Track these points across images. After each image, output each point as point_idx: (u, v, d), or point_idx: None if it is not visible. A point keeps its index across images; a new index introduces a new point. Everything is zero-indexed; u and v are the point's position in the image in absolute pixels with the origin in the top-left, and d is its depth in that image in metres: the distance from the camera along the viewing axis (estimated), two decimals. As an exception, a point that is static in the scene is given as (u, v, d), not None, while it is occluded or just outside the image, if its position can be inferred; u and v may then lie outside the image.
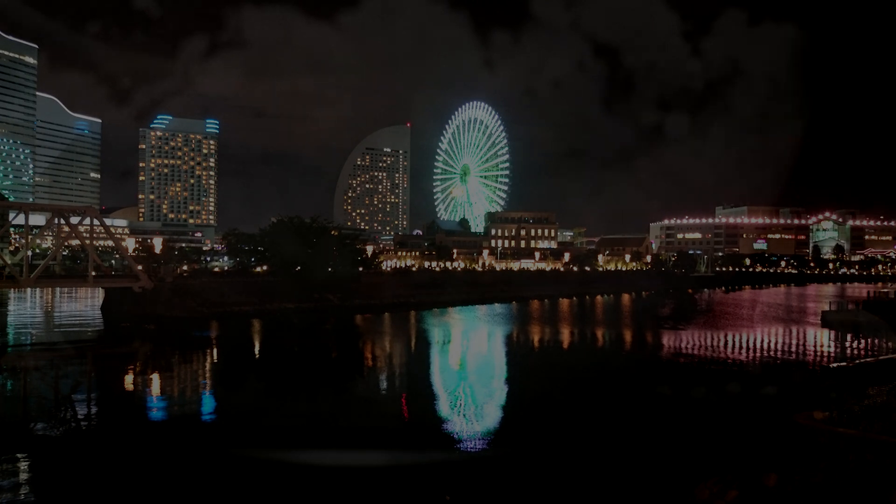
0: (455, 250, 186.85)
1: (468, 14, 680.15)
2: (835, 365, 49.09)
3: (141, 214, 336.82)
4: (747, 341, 68.88)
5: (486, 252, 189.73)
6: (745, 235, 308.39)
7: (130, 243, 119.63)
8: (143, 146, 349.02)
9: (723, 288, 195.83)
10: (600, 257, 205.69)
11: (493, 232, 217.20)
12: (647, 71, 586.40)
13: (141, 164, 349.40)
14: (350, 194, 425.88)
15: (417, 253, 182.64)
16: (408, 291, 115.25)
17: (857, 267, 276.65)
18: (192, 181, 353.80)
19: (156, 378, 48.76)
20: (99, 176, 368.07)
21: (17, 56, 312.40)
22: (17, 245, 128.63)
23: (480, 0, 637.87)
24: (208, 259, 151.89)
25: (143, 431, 33.21)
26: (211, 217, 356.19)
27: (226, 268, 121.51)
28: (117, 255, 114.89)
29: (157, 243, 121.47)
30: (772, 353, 61.36)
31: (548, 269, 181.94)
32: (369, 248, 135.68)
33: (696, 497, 21.13)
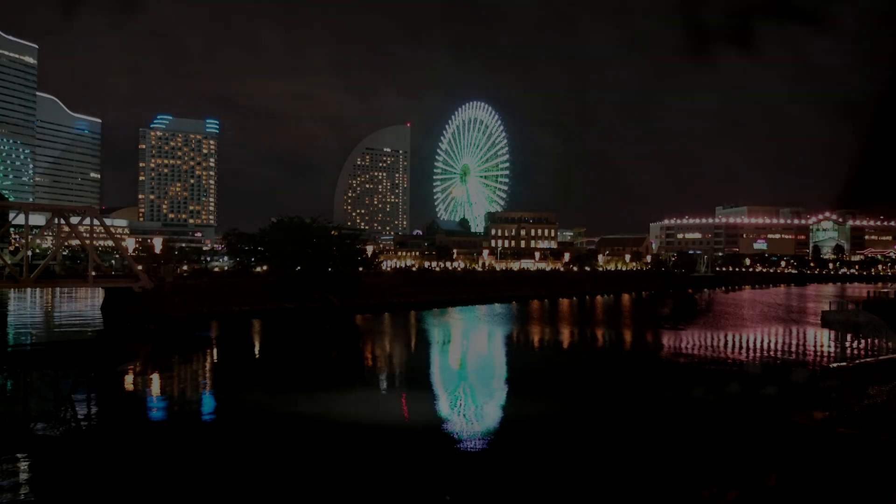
0: (455, 250, 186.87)
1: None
2: (835, 365, 48.97)
3: (141, 214, 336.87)
4: (747, 341, 68.87)
5: (486, 252, 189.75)
6: (745, 235, 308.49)
7: (130, 243, 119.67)
8: (143, 146, 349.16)
9: (723, 288, 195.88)
10: (600, 257, 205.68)
11: (493, 232, 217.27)
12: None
13: (141, 164, 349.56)
14: (350, 194, 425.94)
15: (417, 253, 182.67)
16: (408, 291, 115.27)
17: (857, 267, 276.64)
18: (192, 181, 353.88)
19: (156, 378, 48.76)
20: (99, 176, 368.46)
21: (17, 56, 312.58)
22: (17, 245, 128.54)
23: None
24: (208, 259, 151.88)
25: (142, 432, 33.19)
26: (211, 217, 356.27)
27: (226, 268, 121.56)
28: (117, 255, 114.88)
29: (157, 243, 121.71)
30: (772, 353, 61.37)
31: (548, 269, 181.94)
32: (369, 248, 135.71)
33: (696, 497, 21.12)
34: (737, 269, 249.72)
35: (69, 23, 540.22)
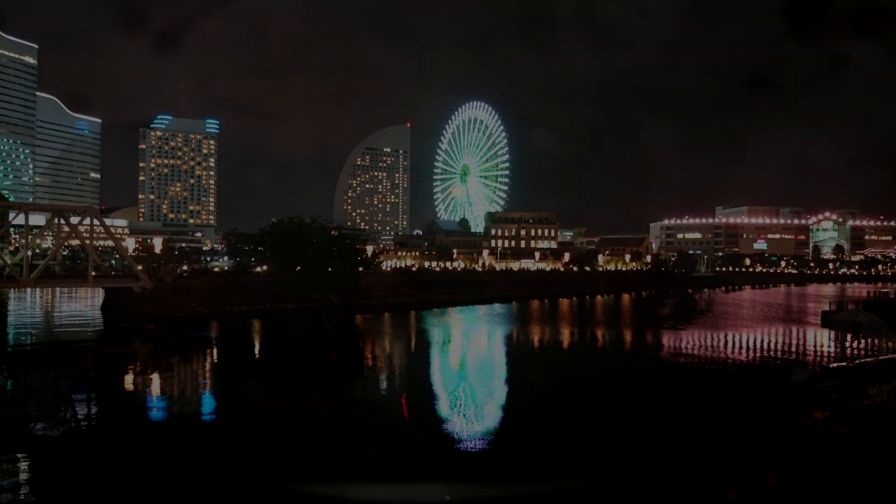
0: (455, 250, 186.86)
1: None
2: (835, 365, 49.05)
3: (141, 214, 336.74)
4: (747, 341, 68.87)
5: (486, 252, 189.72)
6: (745, 235, 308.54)
7: (130, 243, 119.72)
8: (143, 146, 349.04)
9: (723, 288, 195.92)
10: (600, 257, 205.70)
11: (493, 232, 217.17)
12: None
13: (141, 164, 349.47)
14: (350, 194, 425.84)
15: (417, 253, 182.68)
16: (408, 291, 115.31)
17: (857, 267, 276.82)
18: (192, 181, 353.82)
19: (156, 378, 48.76)
20: (99, 176, 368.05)
21: (17, 56, 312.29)
22: (17, 245, 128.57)
23: None
24: (208, 259, 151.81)
25: (142, 432, 33.17)
26: (211, 217, 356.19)
27: (226, 268, 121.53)
28: (117, 255, 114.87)
29: (157, 243, 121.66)
30: (772, 353, 61.36)
31: (548, 269, 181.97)
32: (369, 248, 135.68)
33: (696, 497, 21.13)
34: (737, 269, 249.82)
35: (69, 23, 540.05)
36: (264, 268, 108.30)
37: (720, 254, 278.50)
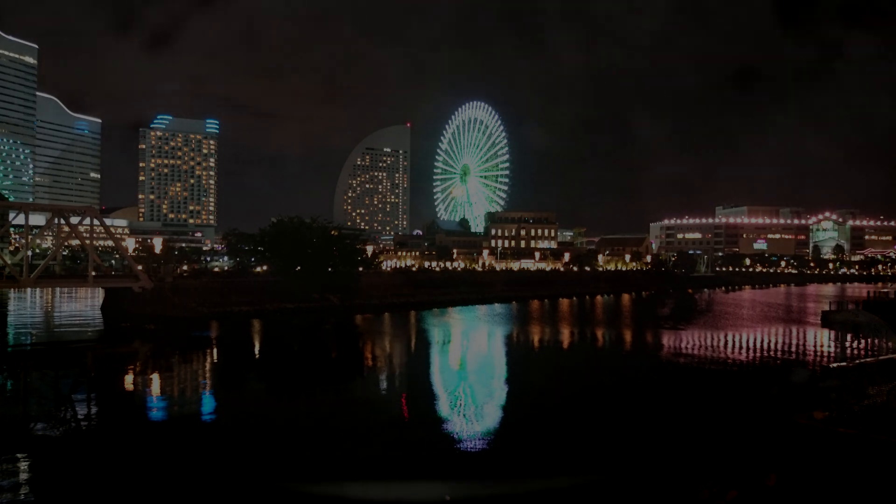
0: (455, 250, 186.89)
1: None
2: (835, 365, 49.03)
3: (141, 214, 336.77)
4: (747, 341, 68.86)
5: (486, 252, 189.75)
6: (745, 235, 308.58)
7: (130, 243, 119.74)
8: (143, 146, 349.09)
9: (723, 288, 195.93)
10: (600, 257, 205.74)
11: (493, 232, 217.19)
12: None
13: (141, 164, 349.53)
14: (350, 194, 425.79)
15: (417, 253, 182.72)
16: (408, 291, 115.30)
17: (857, 267, 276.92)
18: (192, 181, 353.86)
19: (156, 378, 48.76)
20: (99, 176, 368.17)
21: (17, 56, 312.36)
22: (17, 245, 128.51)
23: None
24: (208, 259, 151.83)
25: (142, 432, 33.16)
26: (211, 217, 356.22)
27: (226, 268, 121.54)
28: (117, 255, 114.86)
29: (157, 243, 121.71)
30: (772, 353, 61.36)
31: (548, 269, 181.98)
32: (369, 248, 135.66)
33: (696, 497, 21.13)
34: (737, 269, 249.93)
35: (69, 23, 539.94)
36: (264, 268, 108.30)
37: (720, 254, 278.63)
